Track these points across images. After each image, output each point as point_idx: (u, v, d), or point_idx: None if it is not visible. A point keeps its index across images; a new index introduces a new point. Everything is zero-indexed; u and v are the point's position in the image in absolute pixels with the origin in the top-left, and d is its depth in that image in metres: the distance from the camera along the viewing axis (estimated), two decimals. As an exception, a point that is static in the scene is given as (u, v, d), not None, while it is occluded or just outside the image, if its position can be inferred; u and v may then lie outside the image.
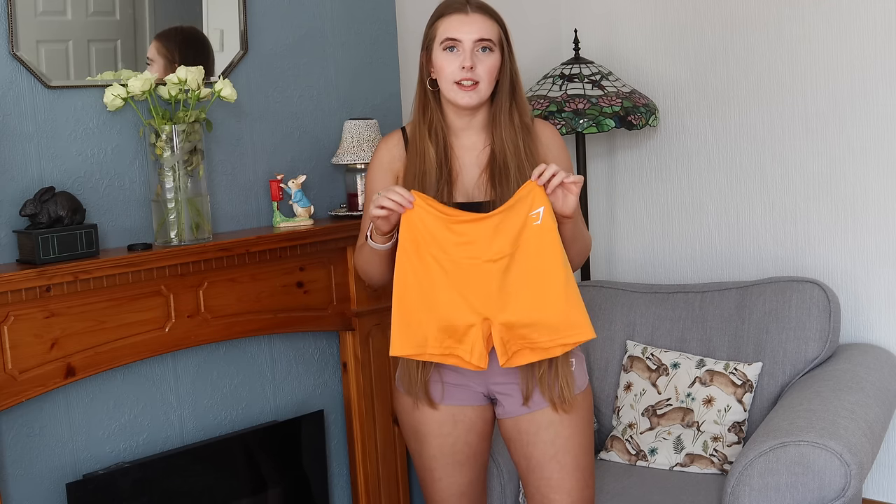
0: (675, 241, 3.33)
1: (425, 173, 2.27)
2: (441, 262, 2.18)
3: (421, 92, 2.32)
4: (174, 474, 2.85)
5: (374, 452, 3.23)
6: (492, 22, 2.25)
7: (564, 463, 2.30)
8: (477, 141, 2.32)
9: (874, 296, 2.99)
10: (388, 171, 2.35)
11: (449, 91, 2.24)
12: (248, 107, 3.07)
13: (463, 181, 2.30)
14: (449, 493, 2.39)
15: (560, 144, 2.37)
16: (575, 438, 2.32)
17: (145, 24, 2.85)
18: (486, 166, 2.29)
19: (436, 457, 2.36)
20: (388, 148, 2.37)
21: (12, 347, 2.46)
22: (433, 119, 2.30)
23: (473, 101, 2.24)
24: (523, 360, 2.20)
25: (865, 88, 2.93)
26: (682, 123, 3.26)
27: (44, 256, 2.50)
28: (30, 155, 2.63)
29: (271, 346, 3.14)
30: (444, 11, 2.26)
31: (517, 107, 2.29)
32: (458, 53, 2.22)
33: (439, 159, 2.27)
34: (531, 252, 2.17)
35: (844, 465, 2.29)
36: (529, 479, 2.35)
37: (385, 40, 3.44)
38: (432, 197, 2.23)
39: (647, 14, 3.28)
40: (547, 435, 2.30)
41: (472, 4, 2.25)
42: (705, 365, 2.86)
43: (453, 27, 2.23)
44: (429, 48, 2.28)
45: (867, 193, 2.96)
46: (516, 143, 2.27)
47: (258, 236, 2.89)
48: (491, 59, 2.24)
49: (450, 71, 2.22)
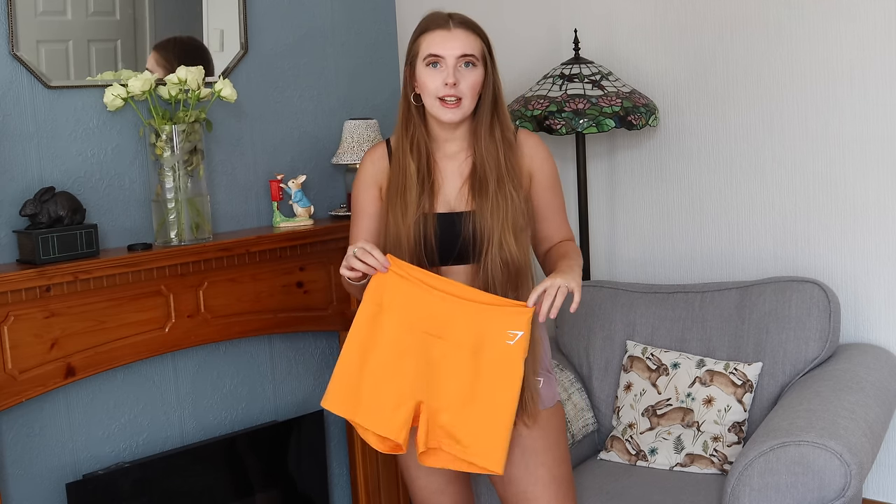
0: (675, 241, 3.33)
1: (406, 189, 2.27)
2: (397, 333, 2.15)
3: (404, 106, 2.32)
4: (174, 474, 2.85)
5: (373, 452, 3.23)
6: (474, 37, 2.25)
7: (539, 475, 2.30)
8: (459, 151, 2.33)
9: (874, 296, 2.99)
10: (373, 185, 2.36)
11: (432, 107, 2.25)
12: (248, 107, 3.07)
13: (445, 192, 2.31)
14: (429, 492, 2.39)
15: (544, 155, 2.37)
16: (549, 452, 2.31)
17: (145, 24, 2.85)
18: (468, 177, 2.30)
19: (412, 454, 2.36)
20: (373, 161, 2.38)
21: (12, 347, 2.46)
22: (416, 133, 2.31)
23: (457, 116, 2.25)
24: (435, 461, 2.16)
25: (865, 88, 2.93)
26: (682, 123, 3.26)
27: (44, 256, 2.51)
28: (30, 155, 2.63)
29: (271, 346, 3.14)
30: (427, 27, 2.26)
31: (499, 121, 2.30)
32: (441, 70, 2.22)
33: (421, 175, 2.28)
34: (491, 368, 2.13)
35: (844, 465, 2.28)
36: (506, 495, 2.34)
37: (385, 40, 3.44)
38: (414, 208, 2.24)
39: (647, 14, 3.28)
40: (518, 449, 2.29)
41: (455, 20, 2.26)
42: (705, 365, 2.86)
43: (436, 43, 2.23)
44: (412, 63, 2.28)
45: (867, 193, 2.96)
46: (497, 158, 2.28)
47: (258, 236, 2.89)
48: (474, 74, 2.24)
49: (433, 87, 2.23)
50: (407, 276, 2.16)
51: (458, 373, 2.14)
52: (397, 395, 2.14)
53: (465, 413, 2.13)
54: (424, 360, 2.15)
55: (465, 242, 2.27)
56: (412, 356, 2.15)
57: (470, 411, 2.13)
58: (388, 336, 2.16)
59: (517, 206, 2.28)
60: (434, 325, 2.15)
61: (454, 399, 2.14)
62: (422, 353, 2.15)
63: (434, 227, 2.26)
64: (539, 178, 2.36)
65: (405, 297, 2.15)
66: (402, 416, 2.13)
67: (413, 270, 2.17)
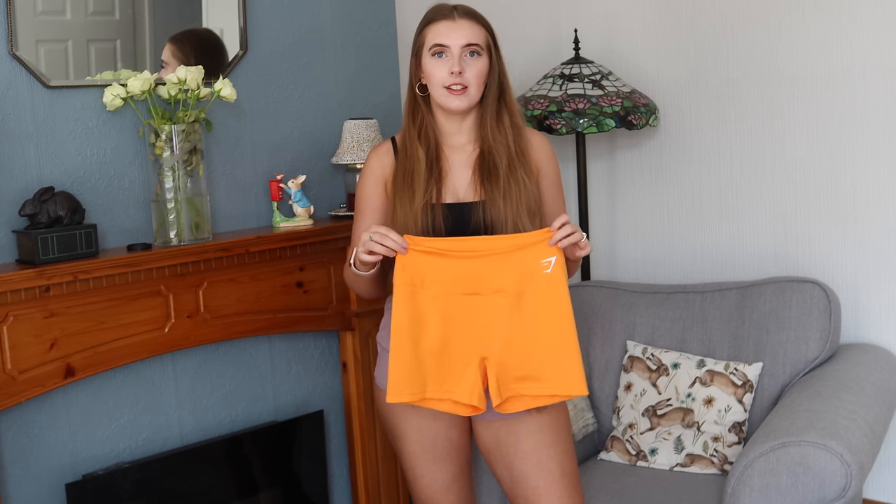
0: (675, 241, 3.33)
1: (414, 173, 2.28)
2: (438, 303, 2.17)
3: (411, 97, 2.35)
4: (174, 474, 2.85)
5: (373, 452, 3.23)
6: (479, 27, 2.28)
7: (550, 469, 2.30)
8: (466, 143, 2.34)
9: (874, 296, 2.99)
10: (379, 180, 2.37)
11: (439, 96, 2.27)
12: (248, 107, 3.06)
13: (452, 182, 2.32)
14: (432, 491, 2.39)
15: (549, 154, 2.39)
16: (559, 446, 2.31)
17: (145, 23, 2.85)
18: (476, 167, 2.31)
19: (415, 453, 2.36)
20: (378, 156, 2.39)
21: (12, 347, 2.46)
22: (423, 122, 2.32)
23: (463, 104, 2.27)
24: (515, 407, 2.20)
25: (865, 88, 2.92)
26: (682, 123, 3.26)
27: (43, 256, 2.50)
28: (29, 155, 2.63)
29: (271, 347, 3.14)
30: (432, 18, 2.29)
31: (506, 108, 2.32)
32: (447, 59, 2.25)
33: (429, 160, 2.30)
34: (538, 300, 2.16)
35: (845, 466, 2.28)
36: (515, 492, 2.33)
37: (385, 40, 3.44)
38: (421, 194, 2.24)
39: (647, 14, 3.28)
40: (527, 444, 2.29)
41: (460, 10, 2.29)
42: (705, 365, 2.86)
43: (441, 33, 2.26)
44: (418, 54, 2.31)
45: (867, 193, 2.96)
46: (506, 142, 2.30)
47: (258, 236, 2.89)
48: (479, 63, 2.27)
49: (439, 76, 2.25)
50: (428, 249, 2.17)
51: (509, 319, 2.17)
52: (460, 359, 2.18)
53: (531, 351, 2.17)
54: (473, 318, 2.18)
55: (475, 233, 2.26)
56: (459, 319, 2.18)
57: (535, 348, 2.17)
58: (430, 309, 2.18)
59: (530, 190, 2.28)
60: (469, 285, 2.17)
61: (515, 344, 2.17)
62: (468, 313, 2.18)
63: (442, 217, 2.26)
64: (545, 172, 2.37)
65: (433, 270, 2.17)
66: (471, 377, 2.17)
67: (431, 242, 2.18)
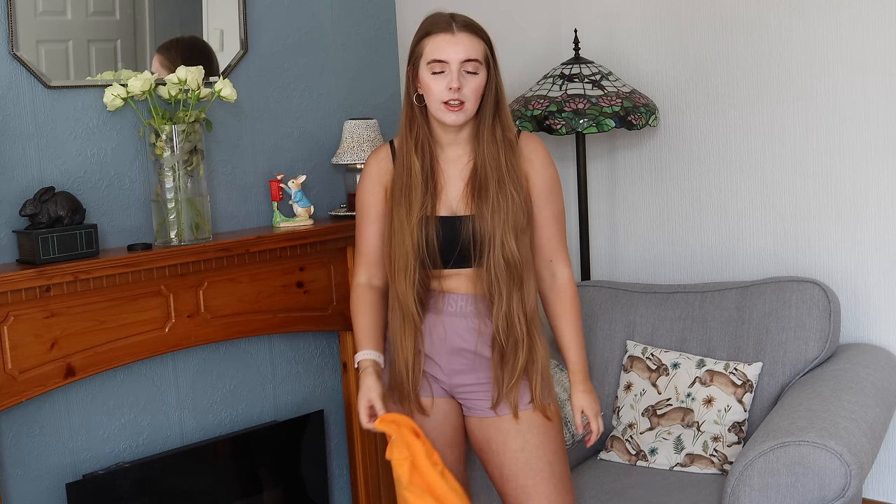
0: (675, 241, 3.33)
1: (411, 188, 2.29)
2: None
3: (408, 106, 2.34)
4: (174, 474, 2.85)
5: (374, 452, 3.23)
6: (478, 40, 2.26)
7: (539, 469, 2.31)
8: (462, 154, 2.35)
9: (874, 296, 2.99)
10: (378, 185, 2.38)
11: (437, 111, 2.27)
12: (248, 107, 3.07)
13: (447, 194, 2.33)
14: None
15: (544, 158, 2.38)
16: (548, 446, 2.33)
17: (145, 24, 2.85)
18: (468, 181, 2.32)
19: None
20: (377, 161, 2.39)
21: (12, 347, 2.46)
22: (420, 133, 2.32)
23: (460, 119, 2.27)
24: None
25: (865, 88, 2.92)
26: (682, 123, 3.26)
27: (44, 256, 2.50)
28: (29, 155, 2.63)
29: (271, 347, 3.14)
30: (431, 30, 2.27)
31: (500, 122, 2.32)
32: (446, 74, 2.23)
33: (425, 173, 2.30)
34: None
35: (844, 466, 2.28)
36: (505, 490, 2.36)
37: (385, 40, 3.44)
38: (418, 207, 2.27)
39: (647, 14, 3.28)
40: (516, 444, 2.31)
41: (458, 22, 2.26)
42: (705, 365, 2.86)
43: (440, 48, 2.24)
44: (415, 64, 2.30)
45: (867, 193, 2.96)
46: (498, 159, 2.30)
47: (258, 236, 2.89)
48: (477, 78, 2.26)
49: (437, 91, 2.24)
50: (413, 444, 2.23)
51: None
52: None
53: None
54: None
55: (465, 245, 2.28)
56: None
57: None
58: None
59: (518, 205, 2.28)
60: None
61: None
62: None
63: (435, 230, 2.28)
64: (535, 181, 2.36)
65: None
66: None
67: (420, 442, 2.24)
